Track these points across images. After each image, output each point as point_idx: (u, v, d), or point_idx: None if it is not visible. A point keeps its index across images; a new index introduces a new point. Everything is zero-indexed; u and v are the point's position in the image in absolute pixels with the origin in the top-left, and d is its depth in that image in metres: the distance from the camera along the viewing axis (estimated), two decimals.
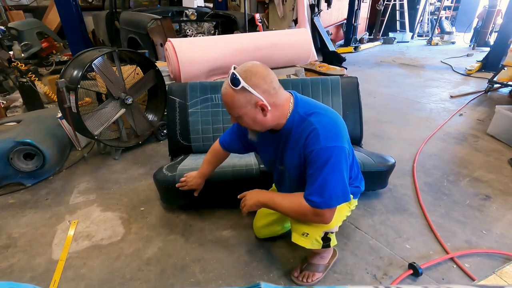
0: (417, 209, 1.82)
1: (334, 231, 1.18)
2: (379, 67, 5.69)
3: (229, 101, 1.00)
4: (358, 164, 1.31)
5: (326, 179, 1.00)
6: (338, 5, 7.47)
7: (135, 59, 2.66)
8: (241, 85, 0.95)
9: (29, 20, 5.51)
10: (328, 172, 0.99)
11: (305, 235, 1.16)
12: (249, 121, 1.04)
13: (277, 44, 3.09)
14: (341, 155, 1.01)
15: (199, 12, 4.42)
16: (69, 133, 2.49)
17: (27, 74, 3.14)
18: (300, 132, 1.05)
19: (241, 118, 1.03)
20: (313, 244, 1.17)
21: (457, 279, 1.35)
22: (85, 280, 1.39)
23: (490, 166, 2.27)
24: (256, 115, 1.02)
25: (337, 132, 1.02)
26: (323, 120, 1.03)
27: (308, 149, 1.02)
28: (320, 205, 1.02)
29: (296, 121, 1.06)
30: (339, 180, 1.01)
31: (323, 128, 1.01)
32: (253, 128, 1.08)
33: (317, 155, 1.00)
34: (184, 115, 1.98)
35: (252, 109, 1.00)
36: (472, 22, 8.21)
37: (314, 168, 1.01)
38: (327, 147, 0.99)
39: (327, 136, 1.00)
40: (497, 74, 3.77)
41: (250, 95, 0.98)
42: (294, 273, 1.38)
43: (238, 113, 1.02)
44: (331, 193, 1.01)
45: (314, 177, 1.02)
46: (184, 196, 1.74)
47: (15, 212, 1.87)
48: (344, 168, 1.02)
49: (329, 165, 0.99)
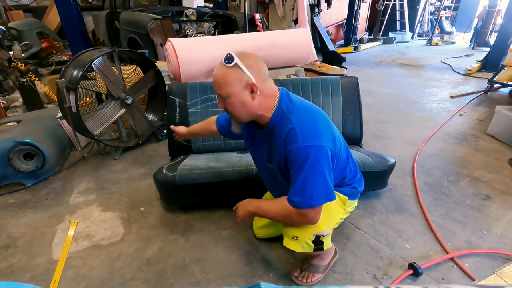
0: (417, 209, 1.82)
1: (325, 234, 1.16)
2: (379, 67, 5.69)
3: (220, 79, 0.99)
4: (355, 164, 1.30)
5: (306, 178, 0.99)
6: (338, 5, 7.47)
7: (135, 59, 2.66)
8: (235, 62, 0.97)
9: (29, 20, 5.51)
10: (307, 172, 0.99)
11: (295, 238, 1.15)
12: (237, 103, 1.02)
13: (277, 44, 3.09)
14: (320, 154, 0.99)
15: (199, 12, 4.42)
16: (69, 133, 2.49)
17: (27, 74, 3.14)
18: (281, 131, 1.05)
19: (229, 99, 1.02)
20: (304, 248, 1.16)
21: (457, 279, 1.35)
22: (85, 280, 1.39)
23: (490, 166, 2.27)
24: (244, 97, 1.01)
25: (316, 131, 1.01)
26: (302, 119, 1.03)
27: (288, 148, 1.02)
28: (300, 204, 1.01)
29: (279, 118, 1.06)
30: (319, 179, 1.00)
31: (300, 126, 1.00)
32: (238, 114, 1.06)
33: (295, 155, 1.00)
34: (184, 115, 1.98)
35: (242, 90, 1.00)
36: (472, 22, 8.21)
37: (295, 168, 1.01)
38: (305, 146, 0.98)
39: (304, 135, 0.99)
40: (497, 74, 3.77)
41: (242, 74, 0.98)
42: (294, 273, 1.38)
43: (228, 92, 1.00)
44: (312, 192, 1.00)
45: (295, 177, 1.02)
46: (184, 196, 1.75)
47: (15, 212, 1.87)
48: (325, 167, 1.01)
49: (308, 164, 0.98)
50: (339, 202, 1.23)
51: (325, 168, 1.01)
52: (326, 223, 1.15)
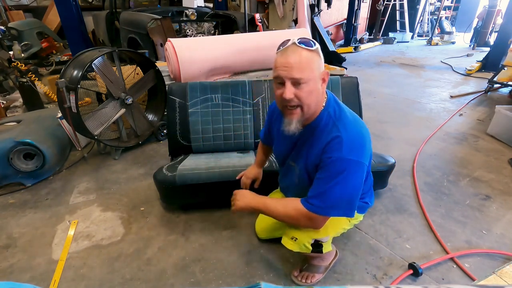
0: (417, 209, 1.82)
1: (324, 241, 1.15)
2: (379, 67, 5.69)
3: (304, 61, 0.90)
4: (371, 179, 1.28)
5: (334, 188, 0.96)
6: (338, 5, 7.47)
7: (135, 59, 2.66)
8: (317, 46, 0.92)
9: (29, 20, 5.51)
10: (338, 183, 0.95)
11: (294, 239, 1.15)
12: (313, 90, 0.94)
13: (277, 44, 3.08)
14: (358, 171, 0.96)
15: (199, 12, 4.42)
16: (69, 133, 2.49)
17: (27, 74, 3.14)
18: (325, 134, 1.00)
19: (307, 85, 0.92)
20: (302, 249, 1.15)
21: (457, 279, 1.35)
22: (85, 280, 1.39)
23: (490, 166, 2.27)
24: (318, 85, 0.96)
25: (361, 146, 0.97)
26: (350, 131, 0.98)
27: (327, 154, 0.97)
28: (317, 210, 0.98)
29: (325, 120, 1.02)
30: (347, 193, 0.97)
31: (347, 138, 0.96)
32: (309, 103, 0.96)
33: (333, 163, 0.95)
34: (184, 115, 1.98)
35: (318, 77, 0.95)
36: (472, 22, 8.21)
37: (326, 174, 0.97)
38: (347, 158, 0.94)
39: (349, 147, 0.95)
40: (497, 74, 3.77)
41: (320, 61, 0.95)
42: (294, 272, 1.38)
43: (309, 77, 0.91)
44: (334, 202, 0.97)
45: (322, 182, 0.98)
46: (184, 196, 1.75)
47: (15, 212, 1.87)
48: (357, 185, 0.98)
49: (342, 176, 0.95)
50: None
51: (357, 185, 0.98)
52: (327, 231, 1.14)
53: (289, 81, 0.92)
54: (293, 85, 0.92)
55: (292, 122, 0.99)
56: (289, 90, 0.92)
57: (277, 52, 0.97)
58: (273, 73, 0.97)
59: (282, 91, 0.93)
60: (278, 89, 0.96)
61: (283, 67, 0.92)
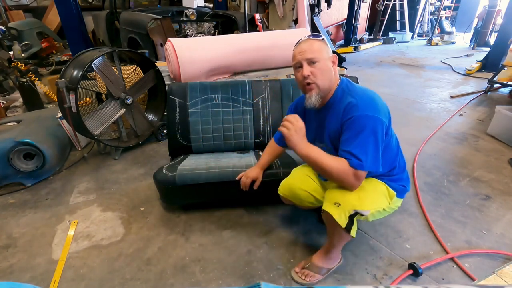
0: (417, 209, 1.82)
1: (364, 214, 1.13)
2: (379, 67, 5.69)
3: (314, 46, 1.14)
4: (404, 162, 1.33)
5: (365, 144, 1.06)
6: (338, 5, 7.47)
7: (135, 59, 2.66)
8: (323, 37, 1.18)
9: (29, 20, 5.51)
10: (364, 139, 1.06)
11: (337, 204, 1.14)
12: (325, 68, 1.15)
13: (277, 44, 3.09)
14: (377, 125, 1.07)
15: (199, 12, 4.42)
16: (69, 133, 2.49)
17: (27, 74, 3.14)
18: (340, 105, 1.16)
19: (319, 63, 1.14)
20: (341, 217, 1.12)
21: (457, 279, 1.35)
22: (85, 280, 1.39)
23: (490, 166, 2.27)
24: (329, 64, 1.17)
25: (375, 105, 1.11)
26: (362, 95, 1.14)
27: (347, 116, 1.11)
28: (360, 166, 1.06)
29: (339, 95, 1.19)
30: (374, 147, 1.07)
31: (361, 100, 1.11)
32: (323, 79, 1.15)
33: (354, 121, 1.08)
34: (184, 115, 1.98)
35: (328, 58, 1.17)
36: (472, 22, 8.21)
37: (351, 133, 1.09)
38: (365, 115, 1.07)
39: (364, 106, 1.09)
40: (497, 74, 3.77)
41: (327, 47, 1.18)
42: (296, 268, 1.38)
43: (319, 57, 1.14)
44: (368, 158, 1.07)
45: (350, 141, 1.08)
46: (184, 196, 1.75)
47: (15, 212, 1.87)
48: (379, 138, 1.08)
49: (366, 131, 1.06)
50: (386, 193, 1.25)
51: (379, 139, 1.09)
52: (370, 204, 1.15)
53: (305, 62, 1.15)
54: (308, 64, 1.15)
55: (312, 95, 1.18)
56: (305, 68, 1.15)
57: (294, 49, 1.21)
58: (292, 62, 1.21)
59: (301, 72, 1.16)
60: (298, 72, 1.19)
61: (299, 53, 1.16)
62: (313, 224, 1.71)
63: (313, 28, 5.61)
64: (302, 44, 1.17)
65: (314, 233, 1.64)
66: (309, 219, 1.74)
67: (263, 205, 1.85)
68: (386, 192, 1.25)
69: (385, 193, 1.25)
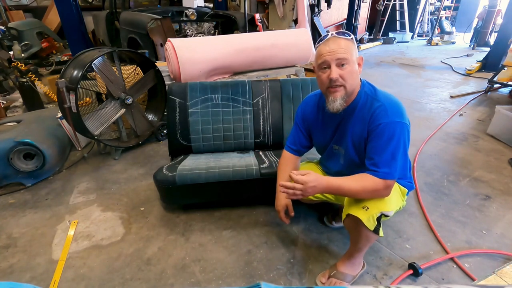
0: (417, 209, 1.82)
1: (389, 215, 1.14)
2: (379, 67, 5.69)
3: (346, 46, 1.08)
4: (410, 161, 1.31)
5: (394, 153, 1.08)
6: (338, 5, 7.47)
7: (135, 59, 2.66)
8: (351, 37, 1.12)
9: (29, 20, 5.52)
10: (395, 146, 1.08)
11: (365, 208, 1.13)
12: (353, 71, 1.11)
13: (277, 44, 3.08)
14: (405, 131, 1.09)
15: (199, 12, 4.42)
16: (69, 133, 2.49)
17: (27, 74, 3.14)
18: (366, 109, 1.14)
19: (348, 65, 1.09)
20: (369, 221, 1.11)
21: (457, 279, 1.35)
22: (85, 280, 1.39)
23: (490, 166, 2.27)
24: (356, 67, 1.13)
25: (402, 110, 1.11)
26: (389, 99, 1.14)
27: (375, 123, 1.10)
28: (389, 176, 1.08)
29: (363, 99, 1.17)
30: (401, 155, 1.10)
31: (390, 105, 1.11)
32: (351, 81, 1.11)
33: (384, 129, 1.08)
34: (184, 115, 1.98)
35: (356, 60, 1.13)
36: (472, 22, 8.21)
37: (381, 141, 1.09)
38: (394, 121, 1.08)
39: (393, 112, 1.09)
40: (497, 74, 3.77)
41: (355, 48, 1.13)
42: (322, 278, 1.33)
43: (350, 59, 1.09)
44: (397, 166, 1.09)
45: (380, 149, 1.09)
46: (184, 196, 1.75)
47: (15, 212, 1.87)
48: (407, 145, 1.11)
49: (395, 139, 1.07)
50: (399, 192, 1.27)
51: (407, 145, 1.11)
52: (394, 204, 1.17)
53: (334, 63, 1.09)
54: (337, 66, 1.09)
55: (337, 99, 1.13)
56: (334, 70, 1.08)
57: (318, 45, 1.14)
58: (317, 61, 1.14)
59: (328, 73, 1.10)
60: (323, 74, 1.12)
61: (328, 53, 1.08)
62: (313, 223, 1.71)
63: (313, 28, 5.61)
64: (331, 43, 1.09)
65: (314, 233, 1.64)
66: (309, 218, 1.74)
67: (263, 205, 1.85)
68: (399, 190, 1.27)
69: (399, 191, 1.27)
